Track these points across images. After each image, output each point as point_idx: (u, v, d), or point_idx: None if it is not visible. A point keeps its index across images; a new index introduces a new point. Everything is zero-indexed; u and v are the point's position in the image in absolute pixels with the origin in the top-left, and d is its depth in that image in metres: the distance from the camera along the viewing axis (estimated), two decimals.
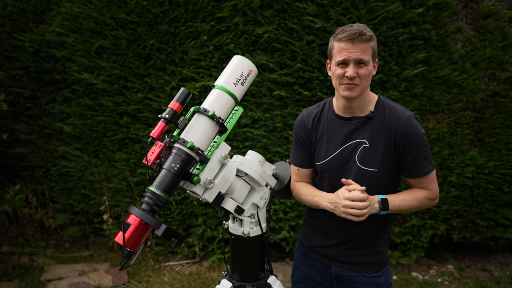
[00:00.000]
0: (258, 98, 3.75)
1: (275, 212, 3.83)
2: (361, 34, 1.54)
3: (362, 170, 1.66)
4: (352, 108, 1.69)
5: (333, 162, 1.70)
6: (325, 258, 1.80)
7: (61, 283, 3.69)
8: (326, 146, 1.73)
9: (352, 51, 1.55)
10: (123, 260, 1.36)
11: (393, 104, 1.69)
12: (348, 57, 1.56)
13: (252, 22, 3.68)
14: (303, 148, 1.81)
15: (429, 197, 1.69)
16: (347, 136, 1.68)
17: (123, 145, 4.10)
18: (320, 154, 1.74)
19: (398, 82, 3.63)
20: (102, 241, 4.45)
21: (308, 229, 1.88)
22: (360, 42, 1.55)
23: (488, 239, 4.02)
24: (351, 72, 1.56)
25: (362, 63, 1.57)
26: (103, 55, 3.94)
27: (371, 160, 1.65)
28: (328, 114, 1.76)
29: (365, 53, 1.56)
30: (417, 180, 1.69)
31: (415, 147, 1.62)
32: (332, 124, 1.73)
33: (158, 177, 1.42)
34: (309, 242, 1.86)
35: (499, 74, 3.74)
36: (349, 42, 1.55)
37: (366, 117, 1.67)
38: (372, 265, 1.75)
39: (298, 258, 1.92)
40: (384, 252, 1.78)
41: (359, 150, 1.66)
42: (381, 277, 1.76)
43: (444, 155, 3.72)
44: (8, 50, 4.32)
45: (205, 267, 4.01)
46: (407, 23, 3.59)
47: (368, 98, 1.69)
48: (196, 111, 1.51)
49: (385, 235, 1.78)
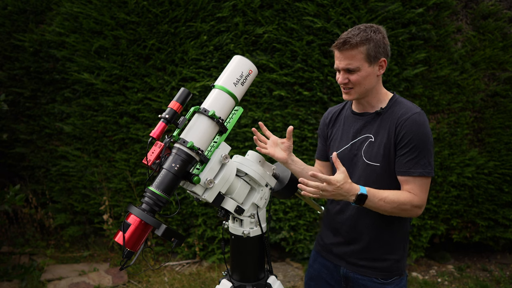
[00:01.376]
0: (258, 98, 3.75)
1: (275, 212, 3.83)
2: (345, 43, 1.58)
3: (366, 164, 1.68)
4: (362, 105, 1.75)
5: (343, 155, 1.74)
6: (335, 257, 1.82)
7: (61, 283, 3.69)
8: (339, 140, 1.80)
9: (340, 59, 1.63)
10: (123, 260, 1.36)
11: (405, 101, 1.70)
12: (337, 66, 1.66)
13: (252, 22, 3.68)
14: (322, 140, 1.92)
15: (413, 203, 1.57)
16: (358, 131, 1.73)
17: (123, 145, 4.10)
18: (333, 147, 1.82)
19: (398, 82, 3.63)
20: (102, 241, 4.45)
21: (323, 228, 1.92)
22: (346, 50, 1.59)
23: (488, 239, 4.02)
24: (341, 79, 1.65)
25: (350, 71, 1.62)
26: (103, 55, 3.94)
27: (374, 155, 1.66)
28: (347, 111, 1.84)
29: (353, 60, 1.60)
30: (405, 179, 1.60)
31: (412, 142, 1.57)
32: (348, 120, 1.81)
33: (158, 177, 1.42)
34: (322, 240, 1.89)
35: (499, 74, 3.74)
36: (338, 51, 1.63)
37: (375, 113, 1.71)
38: (382, 272, 1.71)
39: (312, 256, 1.96)
40: (397, 261, 1.71)
41: (365, 145, 1.69)
42: (390, 285, 1.70)
43: (444, 155, 3.72)
44: (8, 50, 4.32)
45: (205, 267, 4.01)
46: (407, 23, 3.59)
47: (379, 96, 1.72)
48: (196, 111, 1.51)
49: (397, 243, 1.71)
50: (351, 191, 1.50)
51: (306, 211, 3.82)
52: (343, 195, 1.49)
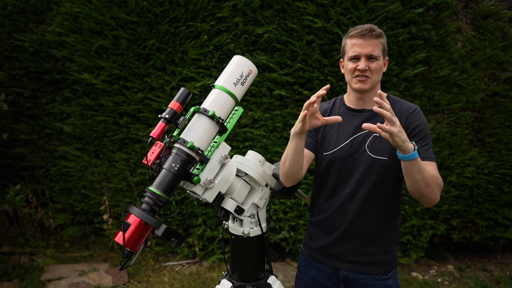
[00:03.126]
0: (258, 98, 3.75)
1: (275, 212, 3.83)
2: (372, 30, 1.65)
3: (372, 158, 1.67)
4: (363, 101, 1.75)
5: (342, 151, 1.72)
6: (333, 260, 1.77)
7: (61, 283, 3.69)
8: (336, 137, 1.76)
9: (363, 46, 1.65)
10: (123, 260, 1.36)
11: (401, 100, 1.78)
12: (359, 52, 1.65)
13: (252, 22, 3.68)
14: (309, 132, 1.79)
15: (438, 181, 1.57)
16: (358, 127, 1.72)
17: (123, 145, 4.10)
18: (329, 145, 1.77)
19: (398, 82, 3.63)
20: (102, 241, 4.45)
21: (312, 231, 1.86)
22: (371, 38, 1.64)
23: (488, 239, 4.02)
24: (363, 65, 1.65)
25: (373, 58, 1.65)
26: (103, 55, 3.94)
27: (381, 148, 1.67)
28: (340, 109, 1.82)
29: (375, 48, 1.65)
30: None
31: (424, 132, 1.66)
32: (343, 117, 1.75)
33: (158, 177, 1.42)
34: (315, 243, 1.83)
35: (499, 74, 3.74)
36: (361, 38, 1.65)
37: None
38: (382, 267, 1.73)
39: (303, 261, 1.89)
40: (394, 252, 1.77)
41: (370, 139, 1.69)
42: (390, 279, 1.74)
43: (444, 155, 3.72)
44: (8, 50, 4.32)
45: (205, 267, 4.01)
46: (407, 23, 3.59)
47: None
48: (196, 111, 1.51)
49: (394, 233, 1.76)
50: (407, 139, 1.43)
51: (306, 211, 3.82)
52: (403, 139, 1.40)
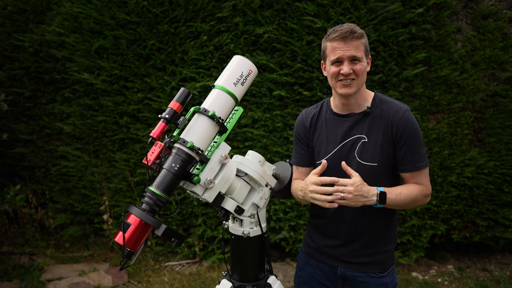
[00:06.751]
0: (258, 98, 3.75)
1: (275, 212, 3.83)
2: (352, 32, 1.59)
3: (362, 165, 1.66)
4: (349, 105, 1.72)
5: (333, 159, 1.70)
6: (331, 259, 1.79)
7: (61, 283, 3.69)
8: (325, 144, 1.75)
9: (345, 49, 1.60)
10: (123, 260, 1.36)
11: (389, 99, 1.73)
12: (342, 55, 1.61)
13: (252, 22, 3.68)
14: (302, 145, 1.84)
15: (423, 193, 1.67)
16: (346, 133, 1.70)
17: (123, 145, 4.10)
18: (320, 153, 1.76)
19: (398, 82, 3.63)
20: (102, 241, 4.45)
21: (312, 230, 1.87)
22: (352, 40, 1.60)
23: (488, 239, 4.02)
24: (347, 69, 1.61)
25: (356, 60, 1.61)
26: (103, 55, 3.94)
27: (370, 155, 1.66)
28: (327, 114, 1.79)
29: (358, 50, 1.61)
30: (412, 174, 1.67)
31: (411, 140, 1.64)
32: (330, 123, 1.76)
33: (158, 177, 1.42)
34: (314, 242, 1.84)
35: (499, 74, 3.74)
36: (342, 41, 1.60)
37: (363, 113, 1.70)
38: (380, 265, 1.74)
39: (302, 259, 1.91)
40: (392, 251, 1.78)
41: (358, 146, 1.68)
42: (387, 277, 1.75)
43: (444, 155, 3.72)
44: (8, 50, 4.32)
45: (205, 267, 4.01)
46: (407, 23, 3.59)
47: (364, 95, 1.73)
48: (196, 111, 1.52)
49: (391, 233, 1.77)
50: (371, 191, 1.54)
51: (306, 211, 3.82)
52: (365, 196, 1.52)
